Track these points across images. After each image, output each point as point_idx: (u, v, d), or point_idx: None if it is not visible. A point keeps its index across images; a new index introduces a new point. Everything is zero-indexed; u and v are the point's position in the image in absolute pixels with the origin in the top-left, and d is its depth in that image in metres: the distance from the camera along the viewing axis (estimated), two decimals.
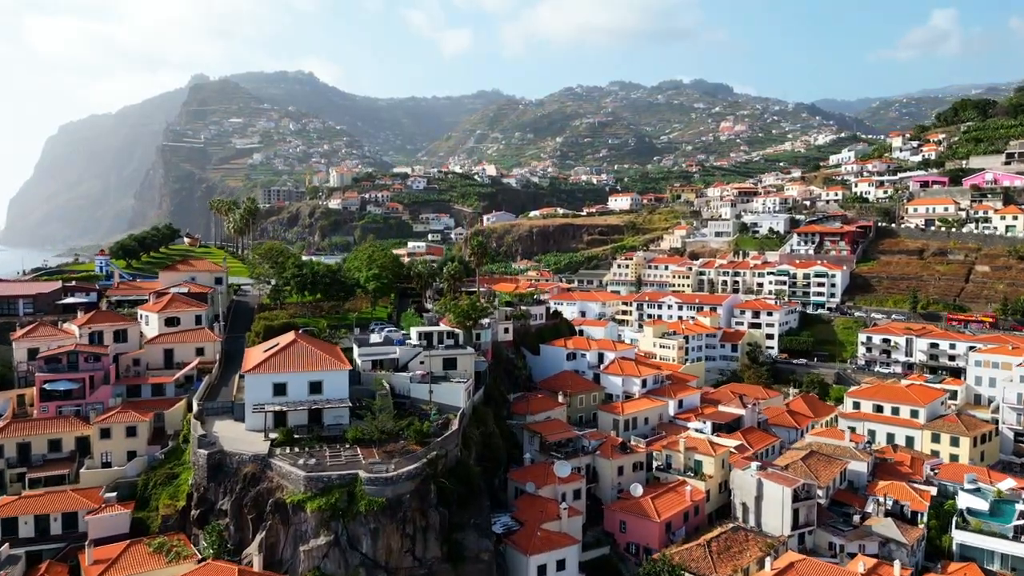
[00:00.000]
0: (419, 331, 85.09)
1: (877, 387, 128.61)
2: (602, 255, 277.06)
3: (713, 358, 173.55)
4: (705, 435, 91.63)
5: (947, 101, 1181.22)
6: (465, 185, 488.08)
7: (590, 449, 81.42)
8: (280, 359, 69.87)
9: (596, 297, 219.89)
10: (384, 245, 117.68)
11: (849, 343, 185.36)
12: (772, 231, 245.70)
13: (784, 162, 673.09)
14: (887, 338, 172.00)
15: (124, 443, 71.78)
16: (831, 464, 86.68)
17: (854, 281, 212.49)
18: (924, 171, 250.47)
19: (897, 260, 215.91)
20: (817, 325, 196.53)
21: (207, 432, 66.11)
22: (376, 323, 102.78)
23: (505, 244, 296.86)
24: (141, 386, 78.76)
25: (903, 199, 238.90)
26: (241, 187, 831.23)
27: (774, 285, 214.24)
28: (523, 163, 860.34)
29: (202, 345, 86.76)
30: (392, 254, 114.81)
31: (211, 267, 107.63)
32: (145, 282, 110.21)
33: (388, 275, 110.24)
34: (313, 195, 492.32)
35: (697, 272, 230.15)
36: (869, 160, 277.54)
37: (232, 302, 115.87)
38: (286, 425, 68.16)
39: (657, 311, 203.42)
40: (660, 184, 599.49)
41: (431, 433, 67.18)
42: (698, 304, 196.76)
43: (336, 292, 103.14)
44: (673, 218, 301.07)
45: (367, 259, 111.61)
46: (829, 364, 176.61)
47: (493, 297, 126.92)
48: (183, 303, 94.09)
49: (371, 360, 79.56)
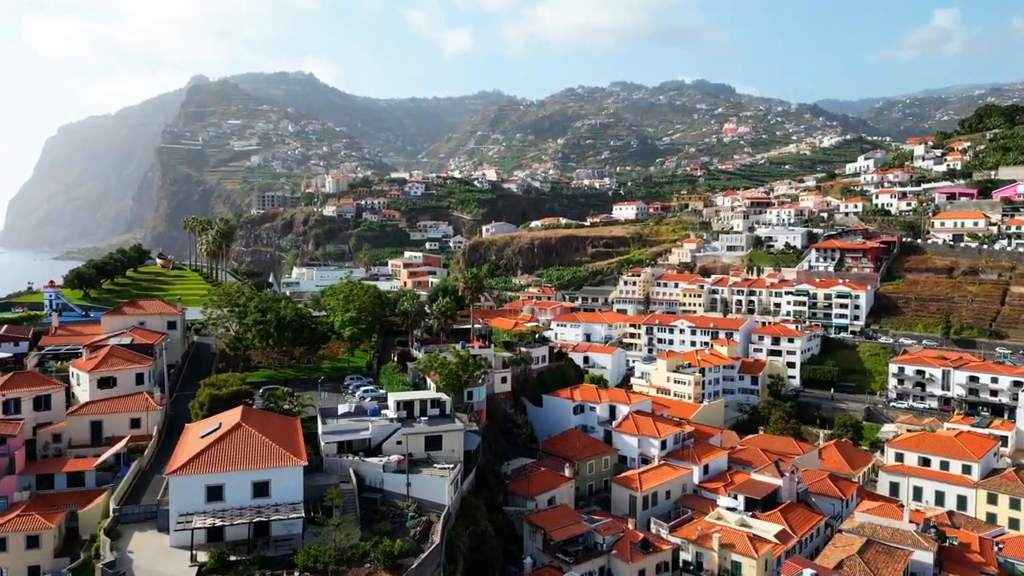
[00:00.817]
0: (398, 399, 70.74)
1: (922, 437, 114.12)
2: (607, 269, 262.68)
3: (731, 391, 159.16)
4: (738, 514, 77.26)
5: (950, 101, 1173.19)
6: (464, 191, 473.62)
7: (604, 547, 67.07)
8: (216, 454, 55.56)
9: (602, 319, 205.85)
10: (366, 287, 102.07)
11: (877, 372, 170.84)
12: (788, 246, 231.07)
13: (789, 165, 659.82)
14: (921, 369, 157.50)
15: (24, 556, 57.46)
16: (892, 558, 72.28)
17: (879, 302, 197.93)
18: (950, 182, 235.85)
19: (925, 279, 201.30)
20: (841, 351, 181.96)
21: (119, 552, 51.93)
22: (352, 378, 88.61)
23: (505, 257, 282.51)
24: (55, 475, 64.27)
25: (928, 212, 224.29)
26: (238, 190, 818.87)
27: (793, 306, 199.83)
28: (524, 165, 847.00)
29: (139, 415, 72.43)
30: (374, 291, 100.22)
31: (163, 309, 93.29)
32: (90, 325, 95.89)
33: (368, 317, 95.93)
34: (308, 201, 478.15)
35: (709, 290, 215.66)
36: (890, 169, 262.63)
37: (191, 345, 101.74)
38: (223, 539, 53.91)
39: (668, 335, 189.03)
40: (664, 189, 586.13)
41: (406, 551, 52.88)
42: (713, 329, 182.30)
43: (306, 340, 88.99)
44: (681, 229, 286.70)
45: (344, 298, 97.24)
46: (857, 397, 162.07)
47: (489, 336, 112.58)
48: (123, 358, 79.82)
49: (337, 442, 65.23)
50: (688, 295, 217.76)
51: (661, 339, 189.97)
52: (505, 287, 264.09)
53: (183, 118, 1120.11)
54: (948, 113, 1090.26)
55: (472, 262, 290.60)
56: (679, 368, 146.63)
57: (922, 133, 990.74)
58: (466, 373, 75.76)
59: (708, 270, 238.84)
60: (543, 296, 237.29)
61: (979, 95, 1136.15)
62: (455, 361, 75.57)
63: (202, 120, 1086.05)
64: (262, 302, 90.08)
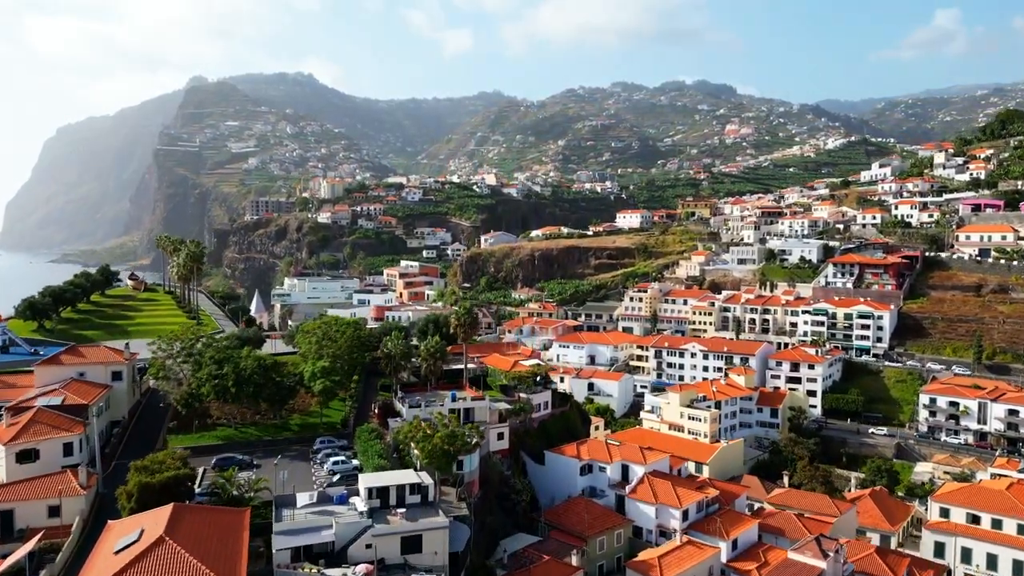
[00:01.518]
0: (370, 486, 58.30)
1: (970, 491, 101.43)
2: (611, 283, 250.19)
3: (749, 424, 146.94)
4: None
5: (952, 102, 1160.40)
6: (463, 196, 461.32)
7: None
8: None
9: (606, 340, 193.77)
10: (341, 322, 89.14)
11: (905, 402, 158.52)
12: (804, 260, 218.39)
13: (794, 167, 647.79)
14: (955, 401, 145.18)
15: None
16: None
17: (903, 322, 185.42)
18: (974, 192, 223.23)
19: (951, 297, 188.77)
20: (864, 377, 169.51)
21: None
22: (323, 441, 76.13)
23: (504, 269, 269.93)
24: None
25: (952, 224, 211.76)
26: (235, 192, 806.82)
27: (810, 326, 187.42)
28: (524, 167, 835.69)
29: (58, 502, 60.01)
30: (352, 333, 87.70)
31: (107, 357, 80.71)
32: (23, 376, 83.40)
33: (344, 365, 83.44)
34: (303, 207, 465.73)
35: (721, 308, 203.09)
36: (909, 178, 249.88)
37: (145, 394, 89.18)
38: None
39: (678, 359, 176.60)
40: (668, 193, 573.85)
41: None
42: (727, 353, 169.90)
43: (271, 396, 76.69)
44: (688, 239, 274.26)
45: (318, 342, 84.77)
46: (886, 430, 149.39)
47: (484, 377, 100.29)
48: (49, 424, 67.56)
49: (292, 548, 52.81)
50: (698, 313, 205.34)
51: (671, 363, 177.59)
52: (504, 301, 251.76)
53: (180, 119, 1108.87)
54: (951, 114, 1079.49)
55: (470, 274, 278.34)
56: (693, 402, 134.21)
57: (925, 134, 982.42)
58: (453, 447, 63.32)
59: (718, 285, 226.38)
60: (544, 312, 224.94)
61: (981, 95, 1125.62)
62: (440, 435, 63.06)
63: (200, 122, 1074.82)
64: (218, 352, 77.47)
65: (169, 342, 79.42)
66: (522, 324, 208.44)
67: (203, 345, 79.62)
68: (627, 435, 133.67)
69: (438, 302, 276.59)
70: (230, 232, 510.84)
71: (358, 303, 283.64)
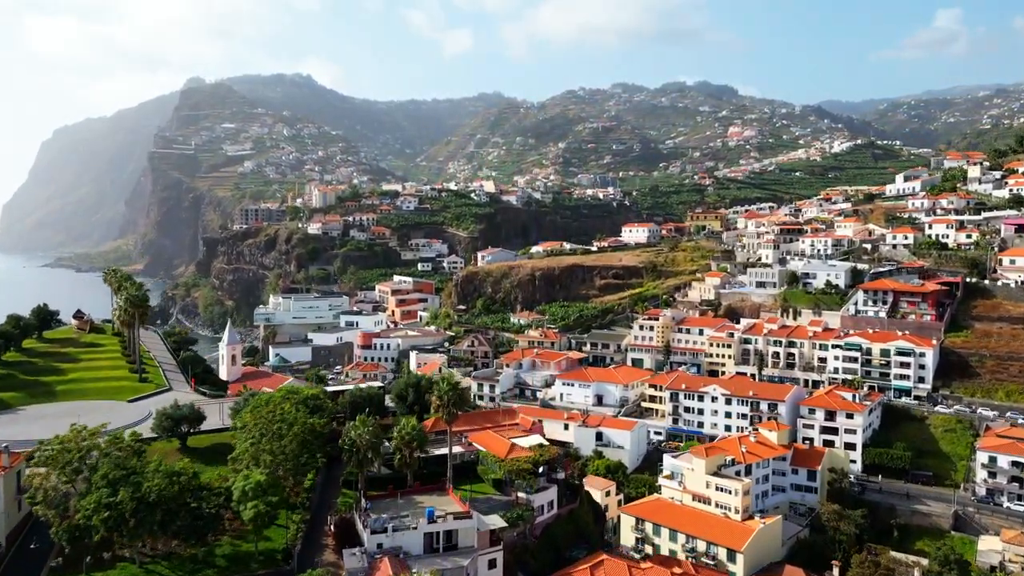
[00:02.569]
0: None
1: None
2: (618, 306, 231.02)
3: (783, 488, 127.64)
4: None
5: (955, 102, 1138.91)
6: (461, 204, 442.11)
7: None
8: None
9: (615, 377, 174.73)
10: (291, 406, 68.90)
11: (957, 457, 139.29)
12: (830, 284, 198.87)
13: (800, 171, 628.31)
14: (1019, 461, 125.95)
15: None
16: None
17: (945, 358, 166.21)
18: (1016, 211, 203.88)
19: (999, 330, 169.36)
20: (907, 425, 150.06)
21: None
22: None
23: (503, 290, 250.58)
24: None
25: (994, 247, 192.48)
26: (229, 197, 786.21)
27: (841, 362, 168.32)
28: (524, 170, 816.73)
29: None
30: (304, 421, 68.66)
31: None
32: None
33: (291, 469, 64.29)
34: (293, 216, 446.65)
35: (740, 340, 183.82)
36: (942, 194, 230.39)
37: (30, 518, 69.00)
38: None
39: (697, 404, 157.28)
40: (672, 200, 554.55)
41: None
42: (753, 398, 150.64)
43: (184, 528, 57.60)
44: (700, 257, 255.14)
45: (259, 435, 65.70)
46: (938, 494, 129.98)
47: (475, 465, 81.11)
48: None
49: None
50: (716, 345, 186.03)
51: (688, 407, 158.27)
52: (502, 326, 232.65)
53: (176, 122, 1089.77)
54: (954, 115, 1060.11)
55: (466, 295, 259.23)
56: (721, 468, 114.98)
57: (928, 135, 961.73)
58: None
59: (735, 311, 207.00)
60: (546, 342, 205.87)
61: (983, 96, 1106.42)
62: None
63: (195, 124, 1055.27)
64: (113, 468, 58.13)
65: (56, 452, 60.17)
66: (522, 357, 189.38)
67: (94, 460, 60.36)
68: (645, 508, 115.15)
69: (431, 325, 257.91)
70: (219, 242, 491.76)
71: (346, 325, 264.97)
